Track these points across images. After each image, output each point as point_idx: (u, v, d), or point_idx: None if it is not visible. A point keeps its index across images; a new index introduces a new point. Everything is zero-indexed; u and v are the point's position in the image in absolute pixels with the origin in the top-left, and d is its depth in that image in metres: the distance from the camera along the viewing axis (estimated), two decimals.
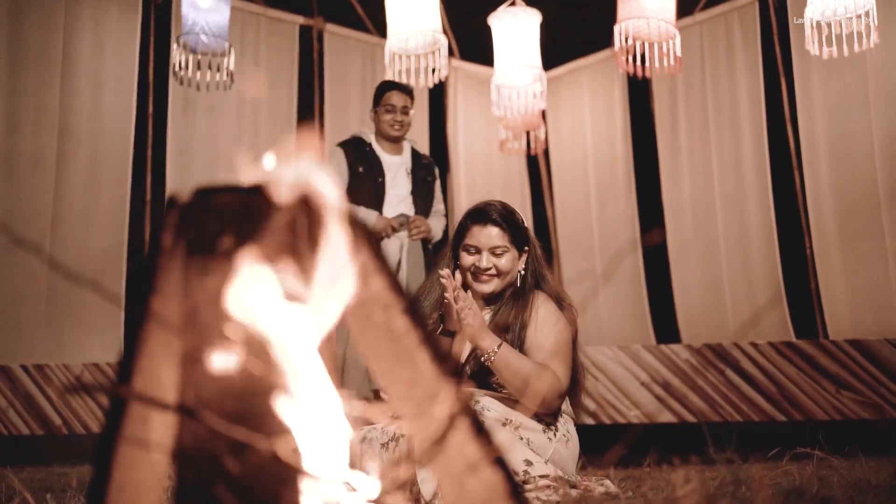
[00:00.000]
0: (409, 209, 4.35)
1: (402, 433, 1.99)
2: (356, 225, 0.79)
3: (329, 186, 0.78)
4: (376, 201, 4.26)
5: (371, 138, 4.38)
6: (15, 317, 4.90)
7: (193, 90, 4.76)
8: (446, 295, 2.32)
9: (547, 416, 2.36)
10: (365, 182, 4.26)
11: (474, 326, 2.28)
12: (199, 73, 4.59)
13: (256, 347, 0.71)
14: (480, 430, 0.77)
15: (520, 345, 2.37)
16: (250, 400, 0.70)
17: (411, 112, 4.36)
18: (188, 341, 0.70)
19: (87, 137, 5.23)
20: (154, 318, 0.72)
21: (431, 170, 4.52)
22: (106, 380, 4.44)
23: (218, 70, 4.60)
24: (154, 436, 0.72)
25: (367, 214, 4.19)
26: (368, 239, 0.80)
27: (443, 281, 2.32)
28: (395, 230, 4.19)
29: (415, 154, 4.48)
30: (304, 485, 0.68)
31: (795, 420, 4.45)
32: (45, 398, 4.51)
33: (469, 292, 2.41)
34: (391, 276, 0.80)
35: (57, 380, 4.52)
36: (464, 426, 0.75)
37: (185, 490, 0.68)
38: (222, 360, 0.71)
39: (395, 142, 4.36)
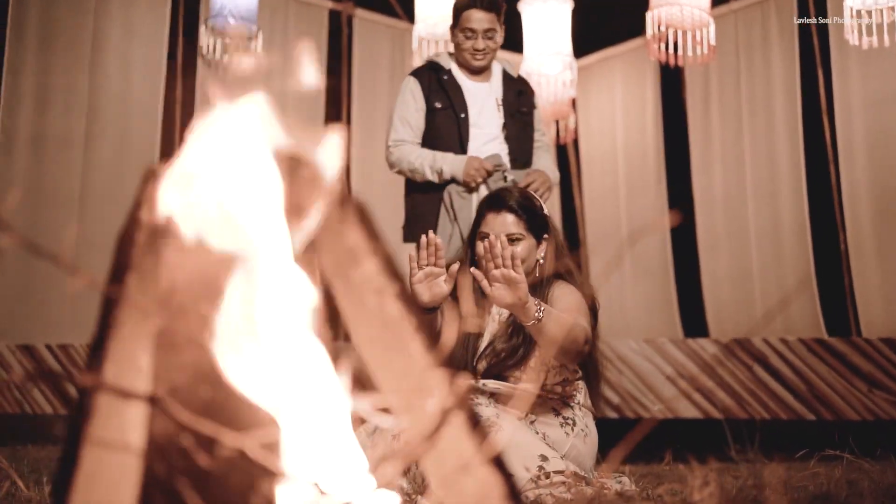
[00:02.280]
0: (500, 151, 3.40)
1: None
2: (347, 201, 0.73)
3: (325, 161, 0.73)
4: (458, 144, 3.35)
5: (451, 63, 3.48)
6: (40, 296, 4.92)
7: (221, 73, 4.75)
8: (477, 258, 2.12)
9: (565, 411, 2.30)
10: (443, 120, 3.37)
11: (520, 286, 2.05)
12: (226, 57, 4.58)
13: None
14: (477, 425, 0.72)
15: None
16: (227, 387, 0.65)
17: (499, 36, 3.43)
18: (164, 323, 0.65)
19: (116, 119, 5.25)
20: (130, 298, 0.67)
21: (528, 98, 3.56)
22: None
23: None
24: (127, 427, 0.67)
25: (444, 161, 3.27)
26: (362, 217, 0.75)
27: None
28: (489, 173, 3.24)
29: (507, 78, 3.54)
30: (278, 485, 0.63)
31: (825, 419, 4.35)
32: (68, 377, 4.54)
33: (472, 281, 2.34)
34: (386, 258, 0.75)
35: (80, 359, 4.54)
36: (459, 421, 0.70)
37: (154, 485, 0.63)
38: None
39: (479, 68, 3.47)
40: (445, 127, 3.35)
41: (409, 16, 5.39)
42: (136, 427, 0.66)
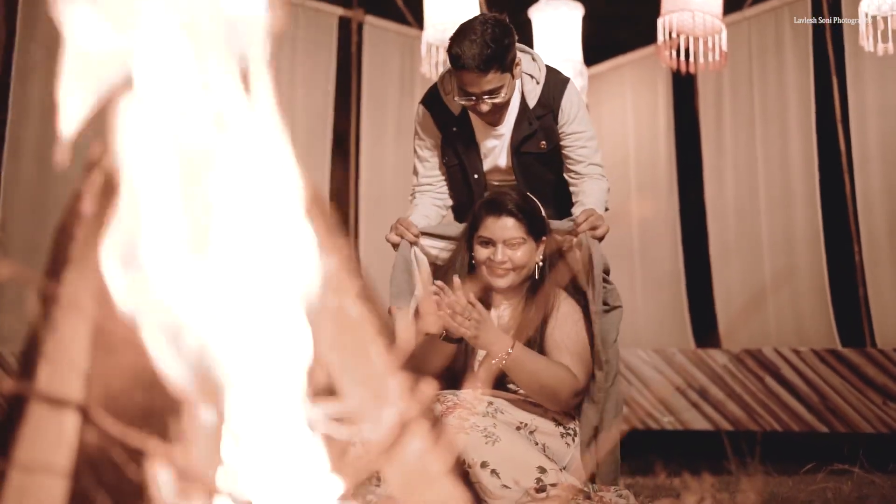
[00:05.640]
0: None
1: None
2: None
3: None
4: (469, 209, 2.72)
5: (457, 105, 2.76)
6: None
7: None
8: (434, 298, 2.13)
9: (566, 421, 2.25)
10: (455, 176, 2.85)
11: (478, 336, 2.10)
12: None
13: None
14: (441, 435, 0.67)
15: (539, 341, 2.27)
16: (164, 393, 0.61)
17: (506, 89, 2.62)
18: (101, 322, 0.61)
19: None
20: (67, 295, 0.63)
21: (546, 131, 2.77)
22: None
23: None
24: (60, 437, 0.62)
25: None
26: (320, 211, 0.71)
27: (434, 298, 2.12)
28: (412, 240, 2.67)
29: (522, 111, 2.75)
30: (210, 501, 0.59)
31: (838, 432, 4.27)
32: None
33: (469, 284, 2.30)
34: (346, 254, 0.70)
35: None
36: (423, 432, 0.66)
37: (81, 501, 0.59)
38: None
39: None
40: (457, 186, 2.86)
41: (421, 23, 5.37)
42: (69, 437, 0.61)
